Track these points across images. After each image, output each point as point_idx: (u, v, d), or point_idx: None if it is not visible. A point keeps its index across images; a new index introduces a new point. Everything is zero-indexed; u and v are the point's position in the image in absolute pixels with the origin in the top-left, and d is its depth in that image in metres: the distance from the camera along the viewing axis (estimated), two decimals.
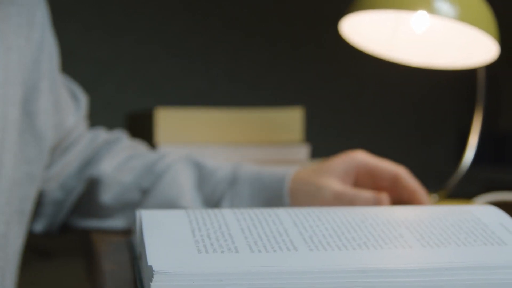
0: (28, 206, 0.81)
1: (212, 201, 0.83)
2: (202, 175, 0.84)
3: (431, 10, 0.83)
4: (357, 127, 2.55)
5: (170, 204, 0.82)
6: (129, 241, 0.67)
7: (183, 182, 0.84)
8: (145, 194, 0.84)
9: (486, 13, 0.85)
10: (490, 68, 0.95)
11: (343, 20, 0.90)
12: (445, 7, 0.83)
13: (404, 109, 2.61)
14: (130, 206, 0.84)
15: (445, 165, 2.27)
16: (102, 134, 0.91)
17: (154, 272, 0.49)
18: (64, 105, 0.87)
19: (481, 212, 0.61)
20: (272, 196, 0.80)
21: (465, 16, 0.83)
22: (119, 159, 0.87)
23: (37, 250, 1.37)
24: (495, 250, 0.54)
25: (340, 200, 0.76)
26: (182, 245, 0.53)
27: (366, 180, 0.80)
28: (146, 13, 2.34)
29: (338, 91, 2.52)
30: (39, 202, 0.87)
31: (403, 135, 2.62)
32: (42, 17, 0.82)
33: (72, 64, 2.23)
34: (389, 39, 0.97)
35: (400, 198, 0.79)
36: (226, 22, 2.40)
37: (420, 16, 0.90)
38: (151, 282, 0.48)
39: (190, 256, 0.51)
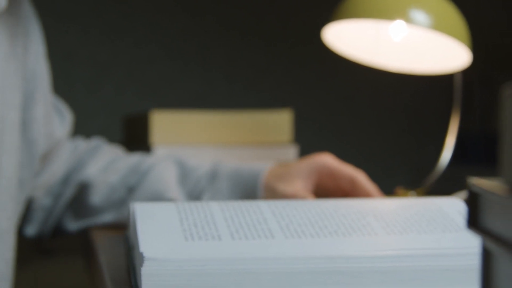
0: (17, 209, 0.85)
1: (193, 196, 0.89)
2: (184, 171, 0.90)
3: (408, 19, 0.89)
4: (345, 129, 2.58)
5: (157, 197, 0.88)
6: (125, 235, 0.70)
7: (168, 177, 0.89)
8: (131, 191, 0.90)
9: (459, 22, 0.90)
10: (485, 71, 1.01)
11: (326, 28, 0.96)
12: (420, 17, 0.89)
13: (395, 111, 2.63)
14: (118, 204, 0.90)
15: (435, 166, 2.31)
16: (82, 143, 0.97)
17: (144, 258, 0.53)
18: (53, 119, 0.92)
19: (444, 202, 0.65)
20: (249, 190, 0.87)
21: (439, 26, 0.88)
22: (103, 162, 0.93)
23: (38, 249, 1.41)
24: (452, 237, 0.58)
25: None
26: (171, 234, 0.57)
27: (329, 181, 0.86)
28: (143, 16, 2.36)
29: (329, 93, 2.56)
30: (30, 208, 0.92)
31: (394, 136, 2.64)
32: (36, 30, 0.88)
33: (70, 66, 2.27)
34: (371, 46, 1.01)
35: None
36: (223, 25, 2.44)
37: (397, 25, 0.95)
38: (142, 267, 0.53)
39: (178, 244, 0.56)
